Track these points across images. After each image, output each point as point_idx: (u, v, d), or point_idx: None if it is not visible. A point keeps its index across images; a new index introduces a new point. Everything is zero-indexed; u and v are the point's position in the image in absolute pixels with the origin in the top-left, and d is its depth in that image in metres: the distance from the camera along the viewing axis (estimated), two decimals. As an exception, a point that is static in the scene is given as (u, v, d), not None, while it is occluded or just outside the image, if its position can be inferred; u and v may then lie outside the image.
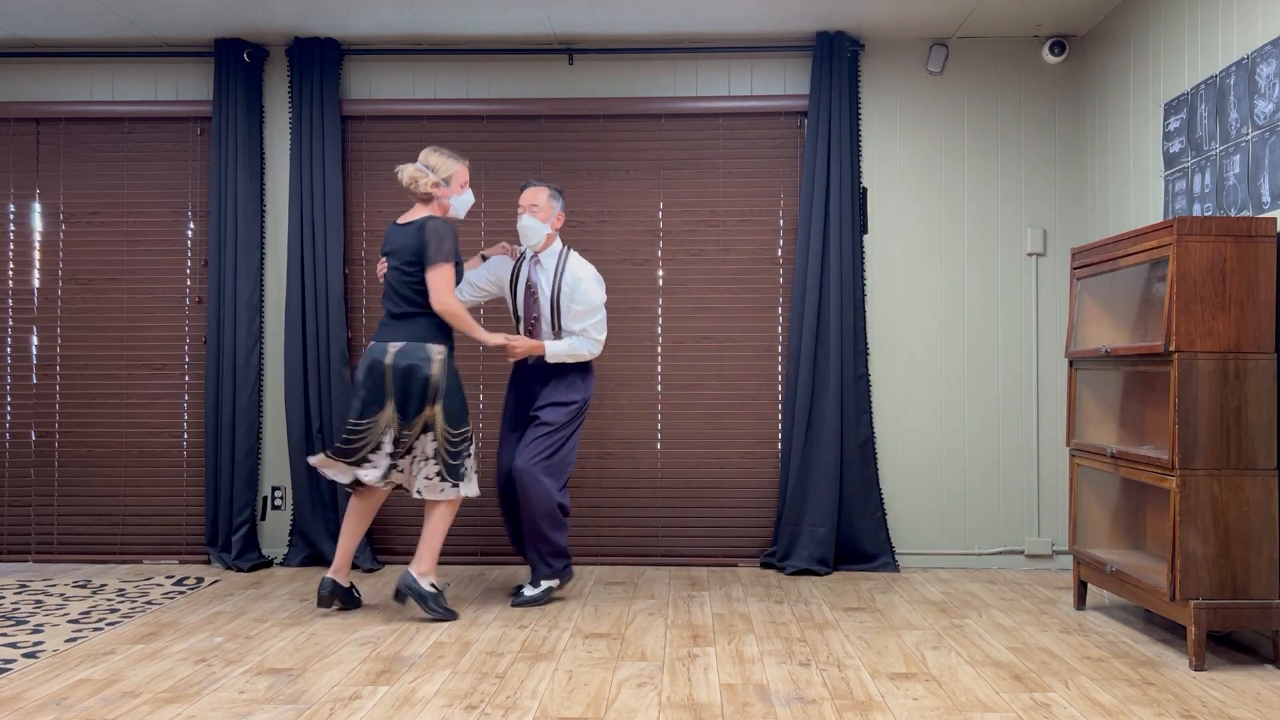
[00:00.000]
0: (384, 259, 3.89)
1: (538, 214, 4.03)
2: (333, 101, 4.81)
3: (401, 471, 3.82)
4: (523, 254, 4.14)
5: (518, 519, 4.11)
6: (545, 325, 4.06)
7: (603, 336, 4.06)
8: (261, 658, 3.28)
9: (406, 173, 3.81)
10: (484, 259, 4.25)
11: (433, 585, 3.78)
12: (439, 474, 3.74)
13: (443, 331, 3.82)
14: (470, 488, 3.82)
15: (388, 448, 3.74)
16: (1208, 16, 3.71)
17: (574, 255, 4.10)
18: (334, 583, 3.84)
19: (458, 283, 3.87)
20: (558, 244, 4.12)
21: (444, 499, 3.77)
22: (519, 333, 4.13)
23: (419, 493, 3.75)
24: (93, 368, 4.98)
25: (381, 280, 3.91)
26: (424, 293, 3.77)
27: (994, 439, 4.78)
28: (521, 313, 4.10)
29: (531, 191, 4.05)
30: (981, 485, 4.78)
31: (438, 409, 3.73)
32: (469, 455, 3.83)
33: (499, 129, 4.92)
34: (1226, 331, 3.19)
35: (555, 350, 3.99)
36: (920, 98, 4.83)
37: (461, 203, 3.92)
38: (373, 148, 4.95)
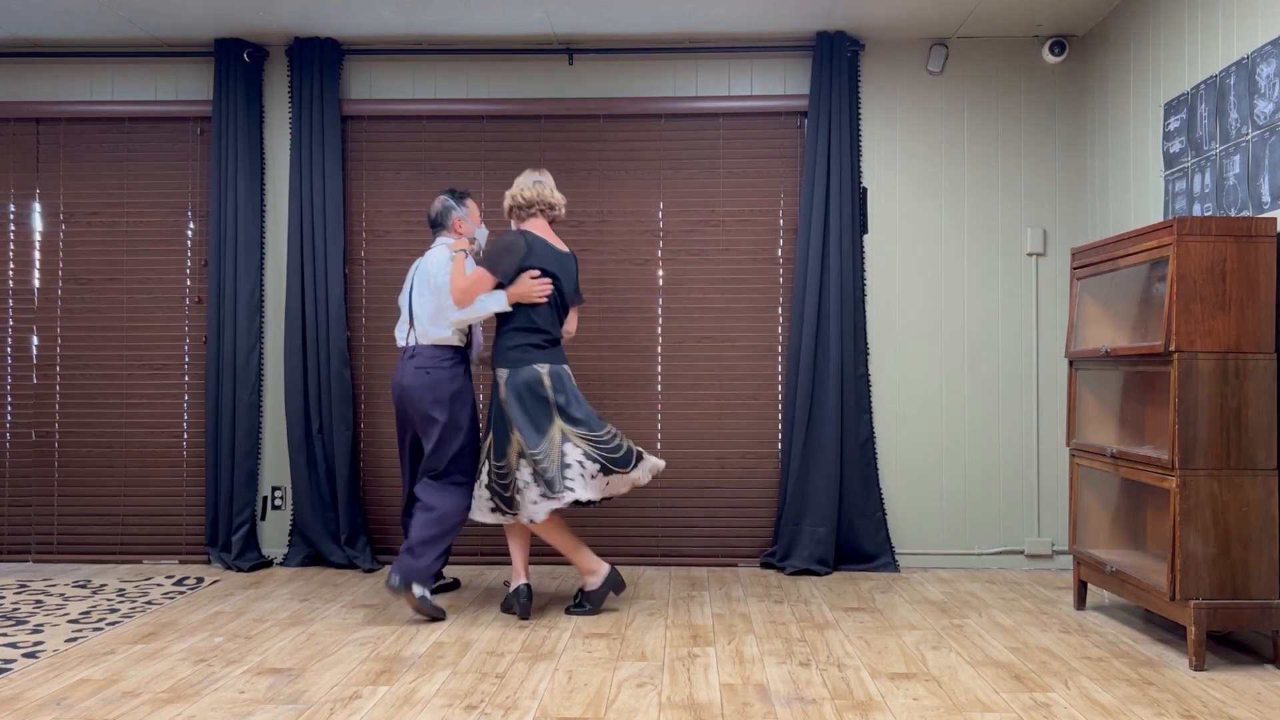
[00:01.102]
0: (544, 277, 3.80)
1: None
2: (333, 101, 4.81)
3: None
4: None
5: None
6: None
7: None
8: (261, 658, 3.28)
9: (555, 197, 3.93)
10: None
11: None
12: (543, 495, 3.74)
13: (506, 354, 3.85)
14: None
15: (576, 456, 3.72)
16: (1208, 16, 3.71)
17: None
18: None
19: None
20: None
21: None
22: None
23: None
24: (93, 368, 4.98)
25: (541, 298, 3.78)
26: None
27: (994, 439, 4.78)
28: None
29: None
30: (981, 485, 4.78)
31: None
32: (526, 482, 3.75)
33: (499, 129, 4.92)
34: (1226, 331, 3.19)
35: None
36: (920, 98, 4.83)
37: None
38: (373, 148, 4.95)
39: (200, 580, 4.48)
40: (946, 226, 4.81)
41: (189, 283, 4.98)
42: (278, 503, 4.92)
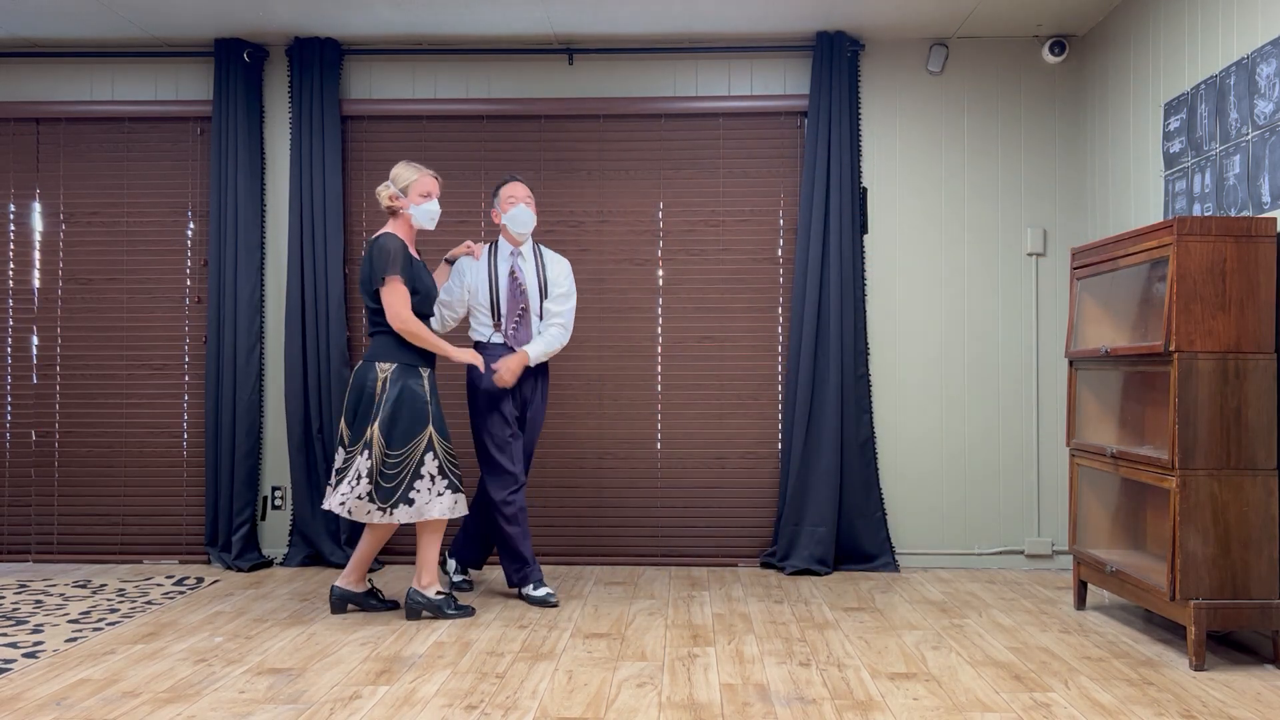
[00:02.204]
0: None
1: (531, 205, 4.06)
2: (333, 101, 4.81)
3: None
4: (493, 248, 4.08)
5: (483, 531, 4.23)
6: (533, 316, 4.05)
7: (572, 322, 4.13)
8: (261, 658, 3.28)
9: (379, 190, 3.84)
10: (450, 263, 4.13)
11: (439, 592, 3.78)
12: (369, 495, 3.65)
13: (402, 349, 3.72)
14: (401, 513, 3.66)
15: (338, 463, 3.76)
16: (1208, 16, 3.71)
17: (542, 246, 4.21)
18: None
19: (431, 295, 3.80)
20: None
21: (380, 522, 3.69)
22: (498, 327, 4.02)
23: (349, 511, 3.67)
24: (93, 368, 4.98)
25: None
26: (380, 311, 3.74)
27: (994, 439, 4.78)
28: (505, 307, 4.01)
29: (522, 185, 4.07)
30: (981, 485, 4.78)
31: (375, 428, 3.65)
32: (358, 475, 3.65)
33: (499, 129, 4.92)
34: (1226, 331, 3.19)
35: (538, 352, 3.98)
36: (920, 98, 4.83)
37: (422, 213, 3.80)
38: (373, 148, 4.95)
39: (200, 580, 4.48)
40: (946, 226, 4.81)
41: (189, 283, 4.98)
42: (278, 503, 4.92)
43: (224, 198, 4.82)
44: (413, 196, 3.79)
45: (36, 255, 5.01)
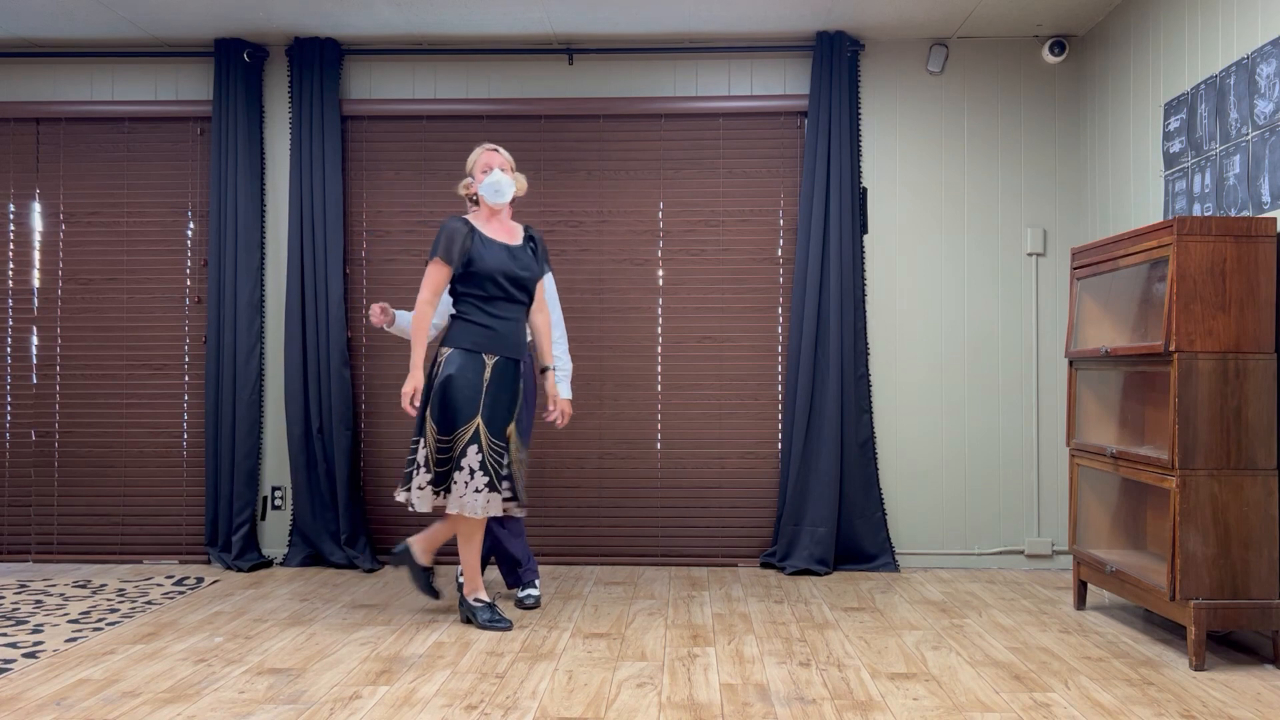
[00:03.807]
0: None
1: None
2: (333, 101, 4.81)
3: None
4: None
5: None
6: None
7: None
8: (261, 658, 3.28)
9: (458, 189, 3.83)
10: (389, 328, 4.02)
11: (477, 599, 3.71)
12: (430, 484, 3.59)
13: (465, 334, 3.60)
14: (416, 499, 3.58)
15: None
16: (1208, 16, 3.71)
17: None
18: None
19: (492, 276, 3.59)
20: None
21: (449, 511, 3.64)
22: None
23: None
24: (93, 368, 4.98)
25: None
26: (455, 294, 3.69)
27: (994, 439, 4.78)
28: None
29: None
30: (981, 485, 4.78)
31: (428, 412, 3.59)
32: (416, 464, 3.59)
33: (499, 129, 4.92)
34: (1226, 331, 3.19)
35: (566, 380, 3.96)
36: (920, 98, 4.83)
37: (485, 188, 3.64)
38: (373, 148, 4.95)
39: (200, 580, 4.48)
40: (947, 226, 4.81)
41: (189, 283, 4.98)
42: (278, 503, 4.92)
43: (224, 198, 4.82)
44: (477, 176, 3.72)
45: (36, 255, 5.01)
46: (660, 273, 4.90)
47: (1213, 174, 3.65)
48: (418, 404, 3.60)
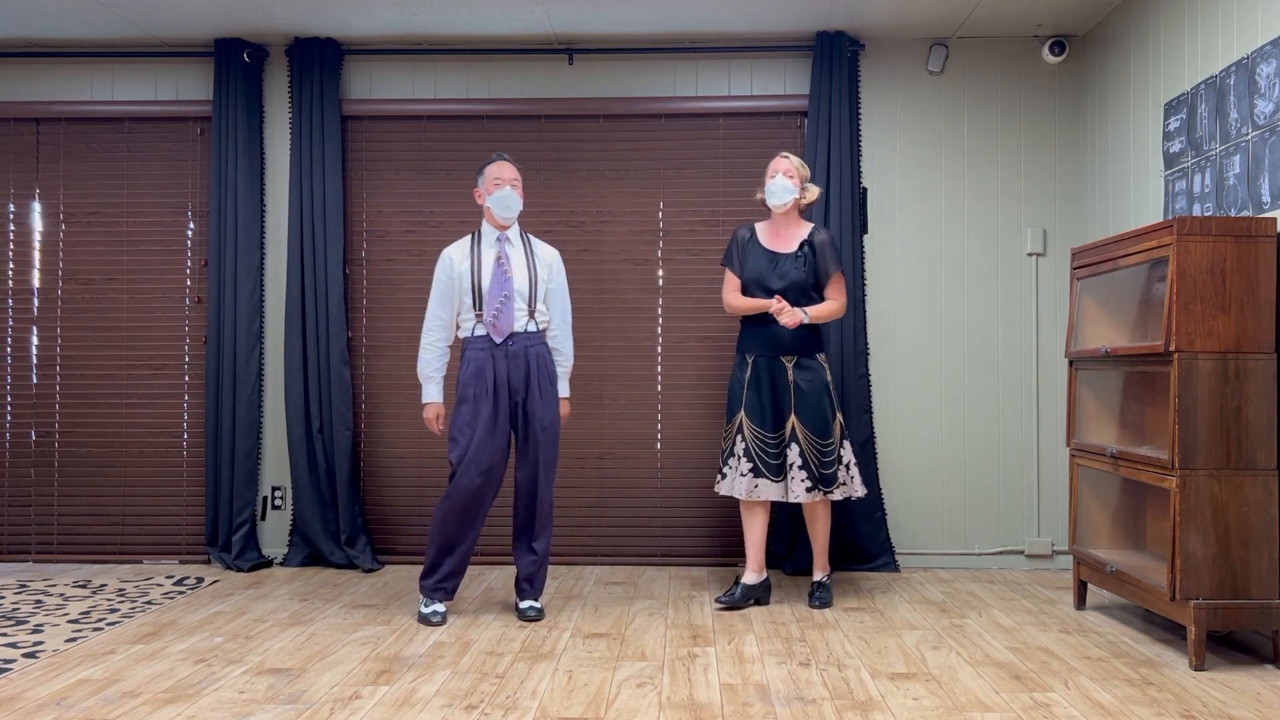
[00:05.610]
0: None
1: (518, 189, 3.84)
2: (333, 101, 4.81)
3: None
4: (476, 235, 3.82)
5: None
6: (520, 303, 3.79)
7: None
8: (261, 658, 3.28)
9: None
10: None
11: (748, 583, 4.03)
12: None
13: (739, 336, 4.12)
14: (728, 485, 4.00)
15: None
16: (1208, 16, 3.71)
17: (531, 236, 3.96)
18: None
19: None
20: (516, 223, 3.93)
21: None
22: (479, 316, 3.76)
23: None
24: (93, 368, 4.98)
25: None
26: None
27: (994, 439, 4.78)
28: (488, 293, 3.75)
29: (510, 166, 3.84)
30: (981, 485, 4.78)
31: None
32: (731, 455, 4.00)
33: (499, 129, 4.92)
34: (1226, 331, 3.19)
35: (566, 380, 4.01)
36: (920, 98, 4.83)
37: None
38: (373, 148, 4.95)
39: (200, 580, 4.48)
40: (946, 226, 4.81)
41: (189, 283, 4.98)
42: (278, 503, 4.92)
43: (224, 198, 4.82)
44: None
45: (36, 255, 5.01)
46: (660, 273, 4.90)
47: (1213, 174, 3.65)
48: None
